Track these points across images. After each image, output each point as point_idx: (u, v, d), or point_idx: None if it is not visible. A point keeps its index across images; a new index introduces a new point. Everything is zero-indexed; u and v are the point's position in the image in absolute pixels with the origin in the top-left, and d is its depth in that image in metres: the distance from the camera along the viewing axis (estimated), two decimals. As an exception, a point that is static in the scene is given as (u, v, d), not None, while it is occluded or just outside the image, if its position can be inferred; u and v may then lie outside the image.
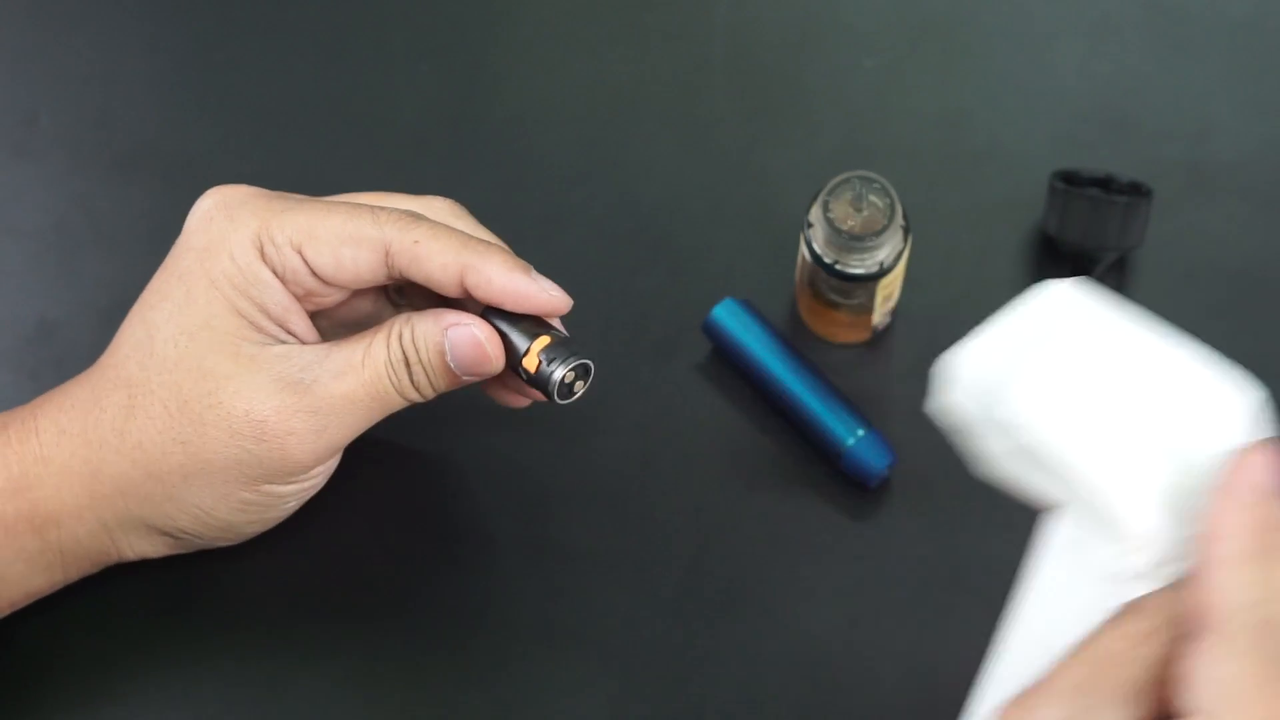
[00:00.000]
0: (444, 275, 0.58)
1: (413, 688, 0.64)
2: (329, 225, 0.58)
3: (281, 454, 0.58)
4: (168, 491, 0.59)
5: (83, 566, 0.61)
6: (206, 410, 0.58)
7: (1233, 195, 0.72)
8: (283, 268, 0.58)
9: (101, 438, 0.59)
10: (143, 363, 0.59)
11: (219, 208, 0.59)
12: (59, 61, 0.76)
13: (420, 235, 0.58)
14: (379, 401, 0.59)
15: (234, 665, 0.64)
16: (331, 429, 0.58)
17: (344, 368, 0.58)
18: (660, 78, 0.75)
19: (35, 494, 0.59)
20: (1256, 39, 0.75)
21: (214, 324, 0.58)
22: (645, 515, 0.67)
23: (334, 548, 0.66)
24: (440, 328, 0.58)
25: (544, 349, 0.59)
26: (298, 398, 0.58)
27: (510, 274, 0.58)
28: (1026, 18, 0.76)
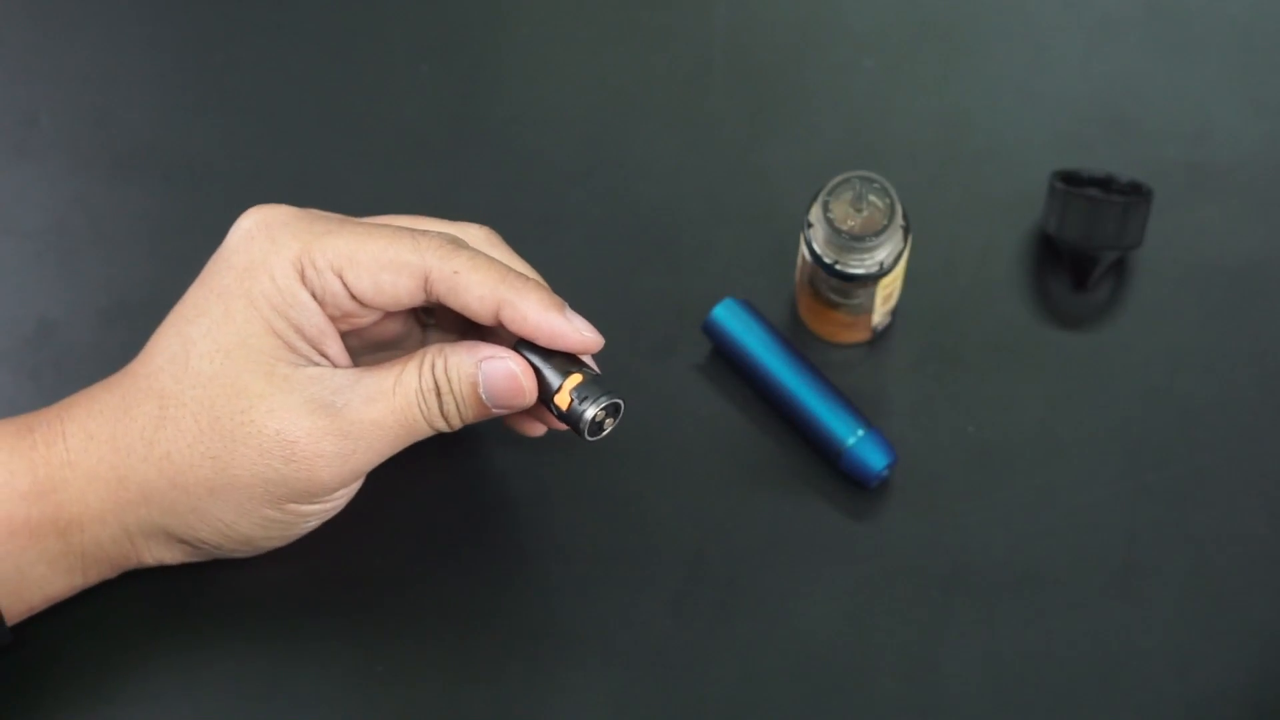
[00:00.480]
0: (481, 307, 0.59)
1: (413, 688, 0.64)
2: (370, 250, 0.59)
3: (309, 475, 0.58)
4: (192, 503, 0.59)
5: (102, 570, 0.61)
6: (238, 427, 0.58)
7: (1232, 195, 0.72)
8: (322, 291, 0.59)
9: (130, 445, 0.59)
10: (177, 375, 0.59)
11: (260, 228, 0.59)
12: (59, 61, 0.76)
13: (460, 265, 0.59)
14: (407, 429, 0.59)
15: (235, 665, 0.64)
16: (359, 453, 0.59)
17: (375, 394, 0.58)
18: (660, 78, 0.75)
19: (60, 497, 0.59)
20: (1256, 39, 0.75)
21: (250, 343, 0.58)
22: (645, 515, 0.67)
23: (334, 548, 0.66)
24: (474, 360, 0.59)
25: (575, 387, 0.59)
26: (329, 421, 0.58)
27: (546, 313, 0.59)
28: (1026, 18, 0.76)
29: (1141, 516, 0.65)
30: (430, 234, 0.59)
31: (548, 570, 0.66)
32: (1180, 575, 0.65)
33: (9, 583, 0.59)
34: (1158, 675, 0.63)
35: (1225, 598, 0.65)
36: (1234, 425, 0.68)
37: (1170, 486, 0.67)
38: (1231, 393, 0.69)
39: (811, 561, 0.66)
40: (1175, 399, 0.68)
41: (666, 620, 0.65)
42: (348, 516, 0.65)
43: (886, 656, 0.64)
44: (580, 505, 0.66)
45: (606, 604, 0.65)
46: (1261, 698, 0.64)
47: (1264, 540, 0.66)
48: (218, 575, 0.64)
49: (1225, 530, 0.66)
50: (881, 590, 0.65)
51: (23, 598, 0.60)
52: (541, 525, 0.66)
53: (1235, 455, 0.67)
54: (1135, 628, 0.63)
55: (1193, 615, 0.65)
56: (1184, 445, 0.67)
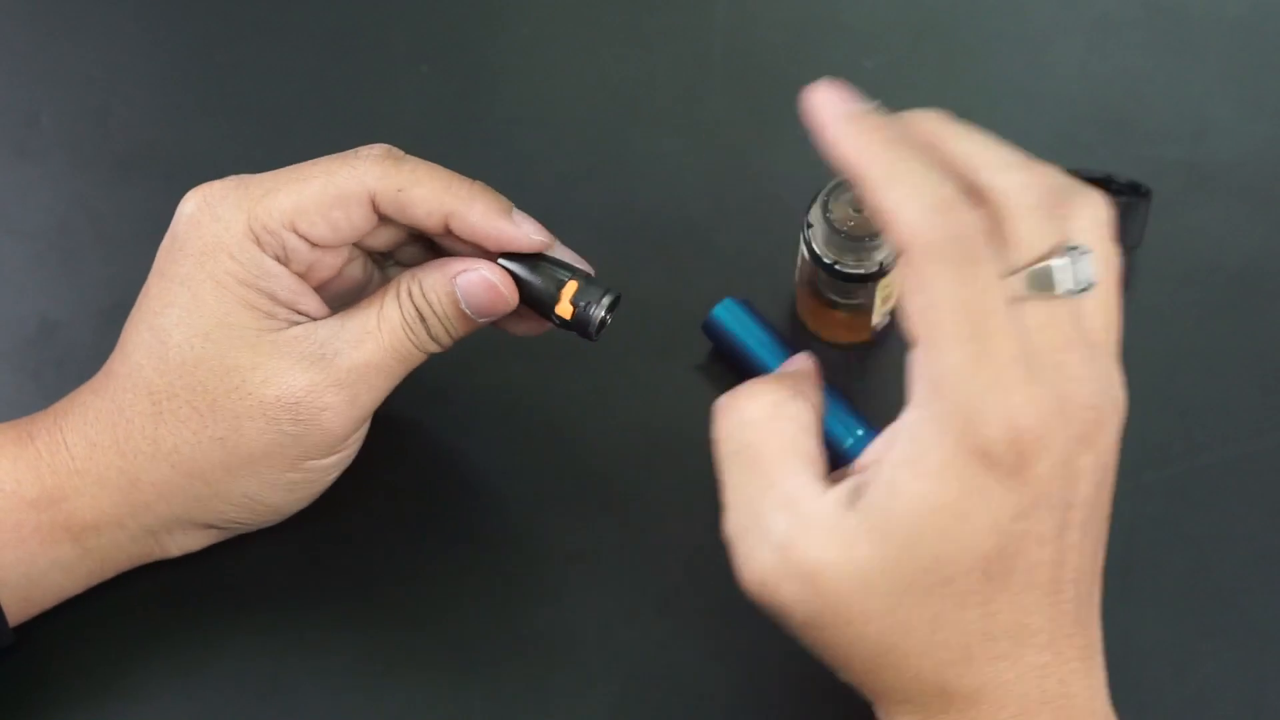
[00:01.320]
0: (430, 222, 0.60)
1: (413, 687, 0.64)
2: (312, 194, 0.59)
3: (320, 430, 0.59)
4: (214, 489, 0.59)
5: (119, 567, 0.61)
6: (238, 404, 0.58)
7: (1232, 195, 0.72)
8: (283, 250, 0.59)
9: (135, 447, 0.59)
10: (159, 368, 0.59)
11: (203, 209, 0.59)
12: (60, 62, 0.76)
13: (403, 181, 0.59)
14: (401, 360, 0.60)
15: (235, 664, 0.64)
16: (362, 396, 0.59)
17: (362, 335, 0.59)
18: (660, 78, 0.75)
19: (72, 504, 0.59)
20: (1256, 39, 0.75)
21: (229, 321, 0.58)
22: (645, 515, 0.67)
23: (335, 549, 0.66)
24: (448, 277, 0.60)
25: (574, 295, 0.60)
26: (323, 374, 0.58)
27: (493, 219, 0.60)
28: (1026, 18, 0.76)
29: (1141, 516, 0.65)
30: (365, 153, 0.60)
31: (548, 570, 0.66)
32: (1180, 575, 0.65)
33: (19, 588, 0.59)
34: (1157, 675, 0.63)
35: (1225, 598, 0.65)
36: (1234, 425, 0.68)
37: (1170, 486, 0.67)
38: (1231, 393, 0.69)
39: (811, 561, 0.66)
40: (1175, 399, 0.68)
41: (666, 620, 0.65)
42: (349, 518, 0.66)
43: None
44: (580, 505, 0.66)
45: (606, 604, 0.65)
46: (1261, 698, 0.64)
47: (1264, 540, 0.66)
48: (218, 574, 0.64)
49: (1225, 530, 0.66)
50: (881, 590, 0.65)
51: (33, 600, 0.60)
52: (542, 525, 0.66)
53: (1235, 455, 0.67)
54: (1135, 628, 0.63)
55: (1193, 615, 0.65)
56: (1184, 445, 0.67)
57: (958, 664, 0.55)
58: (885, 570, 0.53)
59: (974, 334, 0.50)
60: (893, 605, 0.53)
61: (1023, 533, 0.53)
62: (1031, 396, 0.51)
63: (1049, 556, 0.54)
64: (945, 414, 0.51)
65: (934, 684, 0.55)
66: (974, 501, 0.52)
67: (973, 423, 0.50)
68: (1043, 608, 0.54)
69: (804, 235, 0.65)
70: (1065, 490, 0.53)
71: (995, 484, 0.51)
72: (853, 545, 0.52)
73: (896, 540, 0.52)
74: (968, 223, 0.50)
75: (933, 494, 0.52)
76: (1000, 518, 0.52)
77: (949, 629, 0.54)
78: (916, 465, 0.51)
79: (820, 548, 0.52)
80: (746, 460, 0.55)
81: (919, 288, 0.50)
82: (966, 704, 0.55)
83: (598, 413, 0.68)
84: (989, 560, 0.53)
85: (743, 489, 0.54)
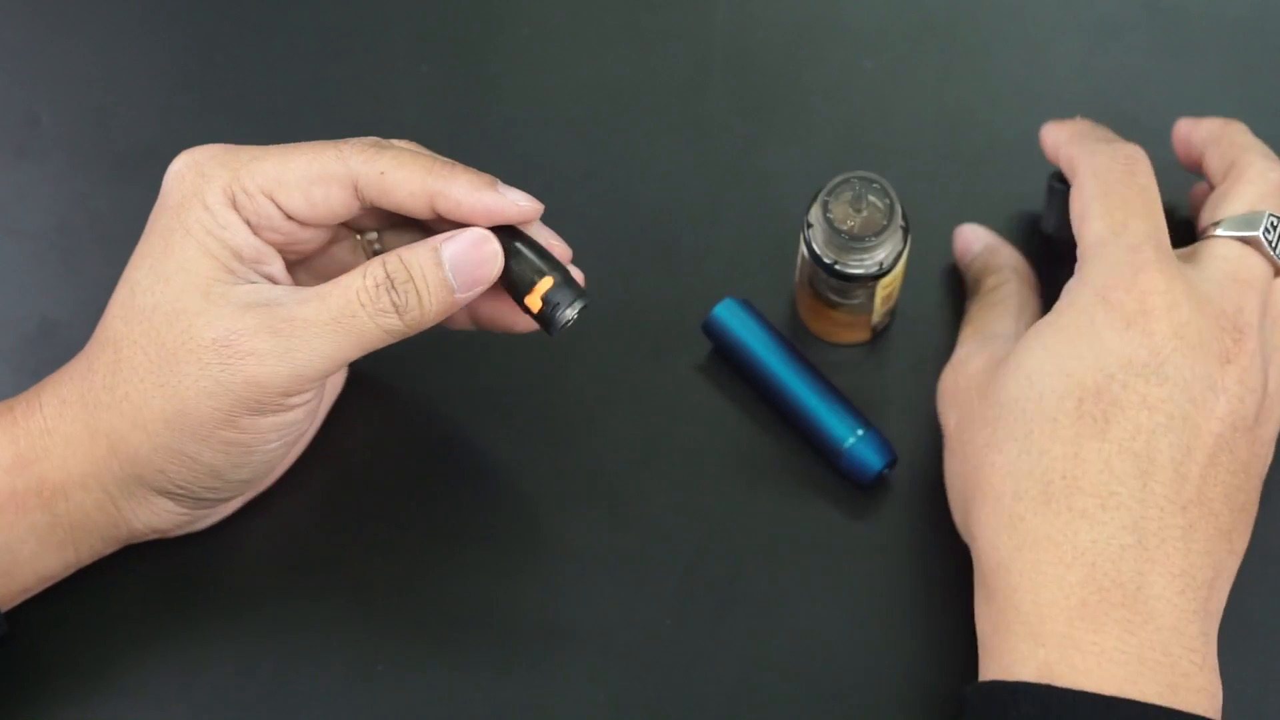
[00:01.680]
0: (414, 203, 0.60)
1: (413, 687, 0.64)
2: (295, 168, 0.59)
3: (245, 376, 0.58)
4: (153, 441, 0.59)
5: (93, 544, 0.61)
6: (180, 347, 0.58)
7: (1232, 195, 0.72)
8: (256, 215, 0.59)
9: (95, 398, 0.59)
10: (125, 316, 0.59)
11: (189, 166, 0.60)
12: (60, 62, 0.76)
13: (385, 165, 0.59)
14: (344, 328, 0.58)
15: (233, 664, 0.64)
16: (296, 351, 0.58)
17: (310, 295, 0.58)
18: (660, 78, 0.75)
19: (42, 466, 0.59)
20: (1256, 39, 0.75)
21: (188, 267, 0.59)
22: (645, 515, 0.67)
23: (335, 547, 0.66)
24: (432, 246, 0.59)
25: (547, 292, 0.60)
26: (258, 320, 0.58)
27: (477, 192, 0.59)
28: (1026, 18, 0.76)
29: (1140, 517, 0.65)
30: (353, 141, 0.60)
31: (548, 570, 0.66)
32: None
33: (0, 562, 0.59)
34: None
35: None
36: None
37: (1170, 486, 0.67)
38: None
39: (811, 561, 0.66)
40: (1175, 399, 0.68)
41: (666, 620, 0.65)
42: (348, 516, 0.66)
43: (886, 656, 0.64)
44: (580, 504, 0.66)
45: (606, 604, 0.65)
46: (1262, 698, 0.64)
47: (1264, 540, 0.66)
48: (216, 572, 0.64)
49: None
50: (881, 590, 0.65)
51: (15, 578, 0.60)
52: (541, 525, 0.66)
53: (1235, 455, 0.67)
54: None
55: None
56: (1183, 445, 0.67)
57: (1034, 499, 0.56)
58: (993, 383, 0.59)
59: (1115, 213, 0.59)
60: (995, 415, 0.58)
61: (1127, 386, 0.56)
62: (1171, 276, 0.57)
63: (1149, 427, 0.55)
64: (1086, 272, 0.58)
65: (1008, 519, 0.56)
66: (1086, 334, 0.57)
67: (1105, 267, 0.57)
68: (1131, 480, 0.55)
69: (804, 235, 0.65)
70: (1181, 378, 0.56)
71: (1111, 327, 0.57)
72: (982, 367, 0.61)
73: (1015, 363, 0.58)
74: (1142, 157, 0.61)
75: (1052, 321, 0.58)
76: (1109, 361, 0.56)
77: (1033, 456, 0.56)
78: (1056, 307, 0.59)
79: (961, 373, 0.62)
80: None
81: (1080, 193, 0.60)
82: (1033, 550, 0.55)
83: (598, 412, 0.68)
84: (1085, 396, 0.56)
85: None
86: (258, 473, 0.62)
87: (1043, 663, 0.55)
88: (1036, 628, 0.55)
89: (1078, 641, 0.54)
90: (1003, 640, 0.56)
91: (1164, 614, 0.55)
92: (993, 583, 0.57)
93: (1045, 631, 0.55)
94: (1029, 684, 0.55)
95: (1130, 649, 0.54)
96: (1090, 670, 0.54)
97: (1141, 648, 0.54)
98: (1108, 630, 0.54)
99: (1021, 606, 0.56)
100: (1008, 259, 0.67)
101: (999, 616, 0.57)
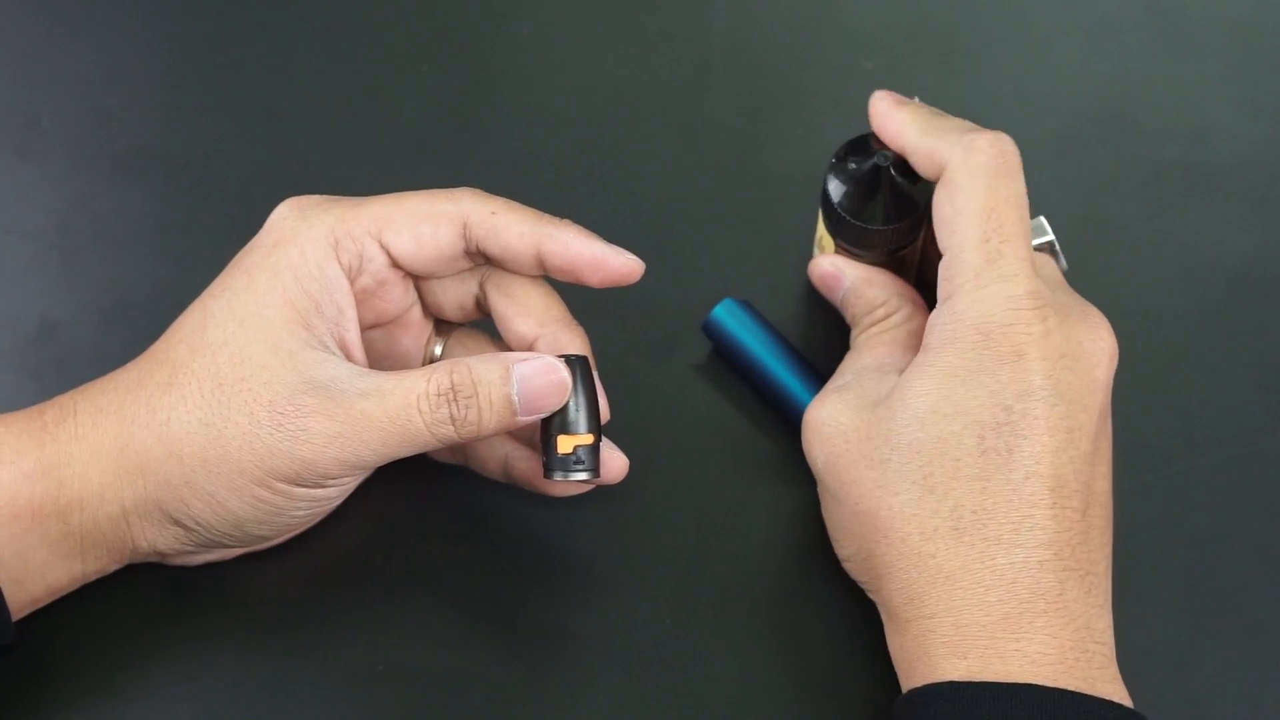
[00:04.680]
0: (521, 244, 0.60)
1: (413, 687, 0.64)
2: (406, 208, 0.60)
3: (291, 448, 0.58)
4: (185, 475, 0.59)
5: (99, 556, 0.61)
6: (235, 395, 0.58)
7: (1231, 195, 0.72)
8: (359, 259, 0.60)
9: (135, 414, 0.59)
10: (192, 345, 0.59)
11: (293, 209, 0.61)
12: (60, 62, 0.76)
13: (497, 207, 0.60)
14: (399, 429, 0.58)
15: (235, 664, 0.64)
16: (345, 440, 0.58)
17: (372, 389, 0.58)
18: (660, 78, 0.75)
19: (63, 473, 0.59)
20: (1255, 39, 0.75)
21: (265, 313, 0.58)
22: (645, 515, 0.67)
23: (334, 548, 0.66)
24: (503, 364, 0.59)
25: (580, 446, 0.59)
26: (317, 401, 0.57)
27: (588, 240, 0.60)
28: (1026, 18, 0.76)
29: (1139, 516, 0.65)
30: (462, 188, 0.61)
31: (548, 570, 0.66)
32: (1180, 575, 0.65)
33: (12, 569, 0.59)
34: (1157, 675, 0.63)
35: (1225, 598, 0.65)
36: (1233, 425, 0.68)
37: (1169, 487, 0.67)
38: (1231, 393, 0.69)
39: (811, 561, 0.66)
40: (1174, 399, 0.68)
41: (666, 620, 0.65)
42: (347, 516, 0.66)
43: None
44: (580, 505, 0.66)
45: (606, 604, 0.65)
46: (1261, 698, 0.64)
47: (1263, 540, 0.66)
48: (218, 574, 0.64)
49: (1224, 530, 0.66)
50: (881, 590, 0.65)
51: (25, 587, 0.60)
52: (541, 525, 0.67)
53: (1235, 455, 0.67)
54: (1135, 628, 0.63)
55: (1192, 615, 0.65)
56: (1183, 445, 0.67)
57: (944, 535, 0.57)
58: (878, 424, 0.59)
59: (990, 237, 0.58)
60: (884, 457, 0.58)
61: (1026, 414, 0.57)
62: (1043, 303, 0.57)
63: (1052, 447, 0.56)
64: (961, 307, 0.58)
65: (917, 557, 0.57)
66: (975, 371, 0.57)
67: (982, 305, 0.57)
68: (1044, 503, 0.56)
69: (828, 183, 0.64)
70: (1071, 393, 0.57)
71: (999, 361, 0.57)
72: (858, 405, 0.60)
73: (900, 403, 0.58)
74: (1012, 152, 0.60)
75: (933, 361, 0.58)
76: (1004, 394, 0.57)
77: (937, 495, 0.57)
78: (928, 341, 0.59)
79: (835, 409, 0.61)
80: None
81: (954, 198, 0.59)
82: (948, 582, 0.56)
83: (598, 413, 0.68)
84: (985, 432, 0.57)
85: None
86: (277, 531, 0.62)
87: (965, 672, 0.56)
88: (957, 646, 0.56)
89: (1000, 650, 0.55)
90: (922, 663, 0.57)
91: (1079, 614, 0.56)
92: (906, 613, 0.58)
93: (967, 647, 0.56)
94: (953, 682, 0.56)
95: (1052, 650, 0.55)
96: (1013, 674, 0.55)
97: (1063, 648, 0.55)
98: (1030, 636, 0.55)
99: (940, 630, 0.57)
100: (891, 286, 0.65)
101: (915, 644, 0.57)
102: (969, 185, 0.59)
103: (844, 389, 0.62)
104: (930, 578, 0.57)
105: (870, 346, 0.64)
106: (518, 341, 0.62)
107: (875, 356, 0.63)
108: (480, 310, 0.64)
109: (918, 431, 0.58)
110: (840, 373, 0.64)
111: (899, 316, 0.64)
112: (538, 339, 0.62)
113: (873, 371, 0.62)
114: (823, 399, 0.62)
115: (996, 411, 0.57)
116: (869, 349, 0.63)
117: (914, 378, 0.59)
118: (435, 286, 0.64)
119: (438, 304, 0.64)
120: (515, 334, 0.62)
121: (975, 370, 0.57)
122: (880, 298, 0.64)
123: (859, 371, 0.62)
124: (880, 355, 0.63)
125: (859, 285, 0.65)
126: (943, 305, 0.59)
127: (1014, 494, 0.56)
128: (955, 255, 0.59)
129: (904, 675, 0.59)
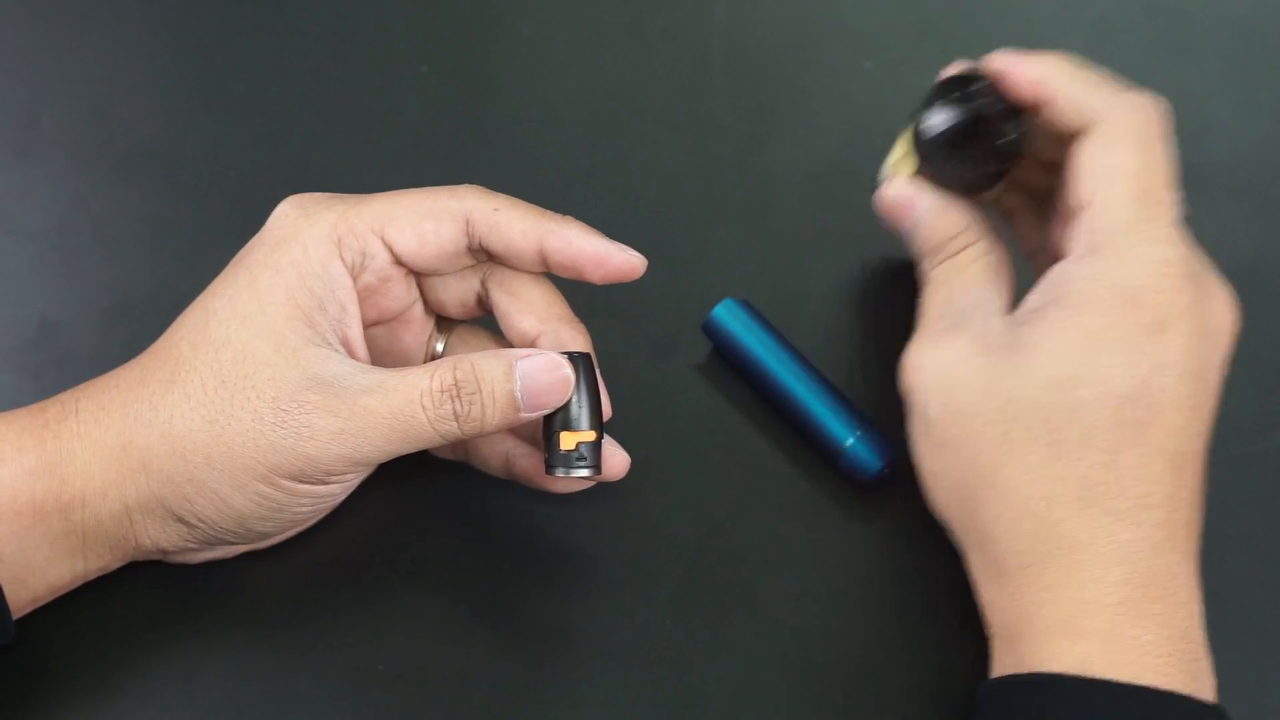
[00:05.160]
0: (524, 241, 0.60)
1: (413, 686, 0.64)
2: (408, 205, 0.60)
3: (295, 445, 0.58)
4: (189, 472, 0.59)
5: (101, 554, 0.61)
6: (238, 392, 0.58)
7: (1231, 195, 0.72)
8: (361, 256, 0.60)
9: (138, 411, 0.59)
10: (195, 343, 0.59)
11: (295, 207, 0.61)
12: (60, 62, 0.76)
13: (500, 204, 0.60)
14: (403, 425, 0.58)
15: (235, 664, 0.64)
16: (349, 436, 0.58)
17: (375, 385, 0.58)
18: (660, 78, 0.75)
19: (65, 470, 0.59)
20: (1255, 39, 0.75)
21: (268, 310, 0.58)
22: (645, 515, 0.67)
23: (334, 545, 0.66)
24: (506, 360, 0.59)
25: (583, 442, 0.59)
26: (321, 397, 0.58)
27: (590, 236, 0.60)
28: (1026, 18, 0.76)
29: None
30: (465, 185, 0.61)
31: (548, 570, 0.66)
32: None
33: (13, 567, 0.59)
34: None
35: (1225, 598, 0.65)
36: (1234, 425, 0.68)
37: (1170, 486, 0.67)
38: (1231, 393, 0.68)
39: (811, 561, 0.66)
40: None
41: (666, 620, 0.65)
42: (348, 514, 0.66)
43: (886, 656, 0.64)
44: (580, 504, 0.66)
45: (606, 604, 0.65)
46: (1261, 698, 0.64)
47: (1264, 540, 0.66)
48: (218, 572, 0.64)
49: (1225, 530, 0.66)
50: (880, 590, 0.65)
51: (27, 585, 0.60)
52: (542, 524, 0.67)
53: (1235, 455, 0.67)
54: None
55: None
56: (1183, 445, 0.67)
57: (1069, 504, 0.55)
58: (1004, 379, 0.57)
59: (1145, 198, 0.57)
60: (1011, 415, 0.56)
61: (1164, 389, 0.56)
62: (1194, 273, 0.57)
63: (1181, 425, 0.56)
64: (1109, 265, 0.56)
65: (1038, 523, 0.56)
66: (1118, 338, 0.56)
67: (1131, 265, 0.56)
68: (1166, 481, 0.55)
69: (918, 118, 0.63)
70: (1202, 371, 0.57)
71: (1143, 330, 0.56)
72: (973, 352, 0.58)
73: (1031, 361, 0.57)
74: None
75: (1072, 319, 0.57)
76: (1143, 365, 0.55)
77: (1065, 462, 0.56)
78: (1071, 300, 0.57)
79: (950, 356, 0.58)
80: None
81: (1110, 151, 0.58)
82: (1069, 554, 0.55)
83: (598, 412, 0.68)
84: (1123, 403, 0.55)
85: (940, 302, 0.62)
86: (280, 528, 0.62)
87: (1080, 657, 0.54)
88: (1075, 624, 0.55)
89: (1120, 636, 0.54)
90: (1032, 636, 0.56)
91: (1186, 600, 0.55)
92: (1020, 579, 0.57)
93: (1086, 627, 0.55)
94: (1064, 675, 0.54)
95: (1164, 640, 0.55)
96: (1129, 664, 0.54)
97: (1172, 637, 0.55)
98: (1146, 624, 0.54)
99: (1058, 603, 0.55)
100: (967, 215, 0.63)
101: (1024, 614, 0.56)
102: (1127, 141, 0.58)
103: (952, 332, 0.60)
104: (1052, 547, 0.55)
105: (958, 282, 0.62)
106: (520, 338, 0.62)
107: (970, 294, 0.61)
108: (482, 307, 0.64)
109: (1054, 394, 0.56)
110: (933, 311, 0.61)
111: (977, 249, 0.62)
112: (540, 336, 0.62)
113: (976, 311, 0.60)
114: (932, 341, 0.60)
115: (1135, 383, 0.56)
116: (959, 285, 0.61)
117: (1047, 335, 0.57)
118: (437, 283, 0.64)
119: (439, 301, 0.64)
120: (517, 331, 0.62)
121: (1116, 336, 0.56)
122: (958, 225, 0.62)
123: (960, 312, 0.60)
124: (975, 292, 0.61)
125: (936, 211, 0.63)
126: (1080, 260, 0.57)
127: (1141, 469, 0.55)
128: (1103, 210, 0.57)
129: (1002, 641, 0.57)
